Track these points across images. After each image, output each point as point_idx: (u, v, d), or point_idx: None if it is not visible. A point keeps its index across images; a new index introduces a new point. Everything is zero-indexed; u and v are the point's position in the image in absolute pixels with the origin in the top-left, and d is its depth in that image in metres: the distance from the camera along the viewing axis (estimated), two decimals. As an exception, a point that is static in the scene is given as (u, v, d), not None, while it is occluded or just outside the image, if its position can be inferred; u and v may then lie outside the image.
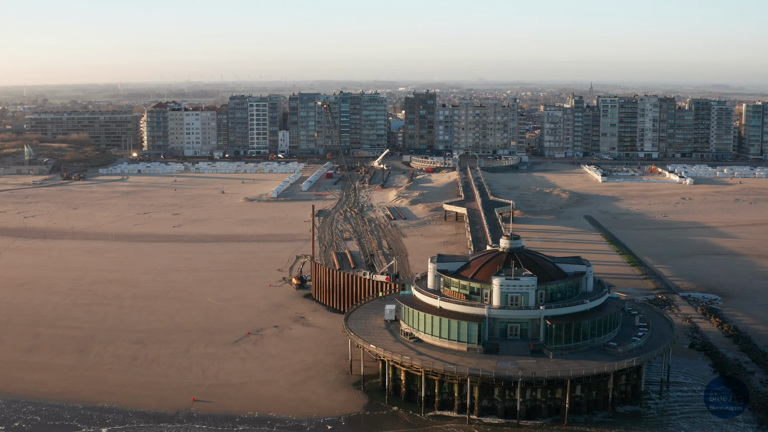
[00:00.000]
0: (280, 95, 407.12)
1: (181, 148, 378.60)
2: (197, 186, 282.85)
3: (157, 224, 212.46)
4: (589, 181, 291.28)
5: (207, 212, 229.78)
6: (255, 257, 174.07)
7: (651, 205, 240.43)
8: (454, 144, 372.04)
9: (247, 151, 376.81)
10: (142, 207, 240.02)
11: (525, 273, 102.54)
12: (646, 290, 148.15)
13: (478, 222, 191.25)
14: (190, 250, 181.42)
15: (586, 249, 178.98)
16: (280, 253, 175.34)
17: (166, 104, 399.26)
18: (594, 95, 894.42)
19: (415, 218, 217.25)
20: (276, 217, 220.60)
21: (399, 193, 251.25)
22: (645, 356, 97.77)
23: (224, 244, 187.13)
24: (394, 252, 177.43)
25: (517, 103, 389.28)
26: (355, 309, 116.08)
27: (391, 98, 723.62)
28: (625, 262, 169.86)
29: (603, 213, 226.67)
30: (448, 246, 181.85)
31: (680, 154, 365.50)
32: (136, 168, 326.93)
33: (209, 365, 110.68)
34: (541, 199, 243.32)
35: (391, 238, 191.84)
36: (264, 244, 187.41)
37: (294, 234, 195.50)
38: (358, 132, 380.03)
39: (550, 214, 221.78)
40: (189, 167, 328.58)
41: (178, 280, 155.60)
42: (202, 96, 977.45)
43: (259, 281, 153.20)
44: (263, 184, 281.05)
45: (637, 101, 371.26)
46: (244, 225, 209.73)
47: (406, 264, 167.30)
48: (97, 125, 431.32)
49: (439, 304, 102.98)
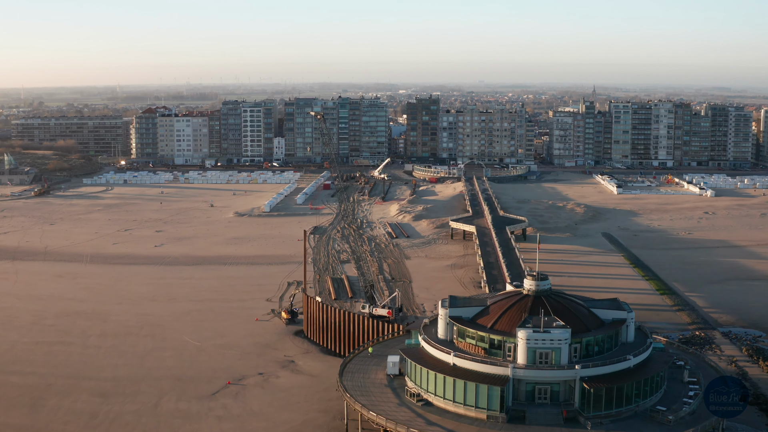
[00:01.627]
0: (275, 100, 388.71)
1: (171, 156, 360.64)
2: (185, 198, 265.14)
3: (138, 243, 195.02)
4: (603, 193, 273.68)
5: (193, 229, 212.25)
6: (241, 284, 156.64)
7: (673, 220, 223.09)
8: (458, 152, 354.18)
9: (241, 159, 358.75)
10: (123, 222, 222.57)
11: (556, 323, 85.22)
12: (680, 325, 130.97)
13: (489, 243, 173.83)
14: (170, 275, 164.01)
15: (609, 274, 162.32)
16: (270, 279, 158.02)
17: (155, 109, 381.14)
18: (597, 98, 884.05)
19: (418, 236, 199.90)
20: (267, 234, 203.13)
21: (401, 207, 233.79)
22: (702, 426, 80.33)
23: (208, 268, 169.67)
24: (396, 277, 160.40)
25: (524, 108, 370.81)
26: (353, 358, 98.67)
27: (391, 101, 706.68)
28: (653, 289, 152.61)
29: (622, 230, 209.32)
30: (456, 270, 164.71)
31: (696, 162, 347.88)
32: (123, 178, 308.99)
33: (180, 426, 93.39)
34: (555, 214, 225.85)
35: (393, 260, 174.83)
36: (252, 267, 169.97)
37: (286, 255, 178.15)
38: (358, 139, 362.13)
39: (565, 232, 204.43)
40: (178, 177, 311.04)
41: (153, 312, 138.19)
42: (200, 99, 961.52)
43: (244, 314, 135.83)
44: (255, 197, 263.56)
45: (651, 107, 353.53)
46: (232, 244, 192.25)
47: (410, 292, 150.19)
48: (86, 131, 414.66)
49: (453, 360, 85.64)
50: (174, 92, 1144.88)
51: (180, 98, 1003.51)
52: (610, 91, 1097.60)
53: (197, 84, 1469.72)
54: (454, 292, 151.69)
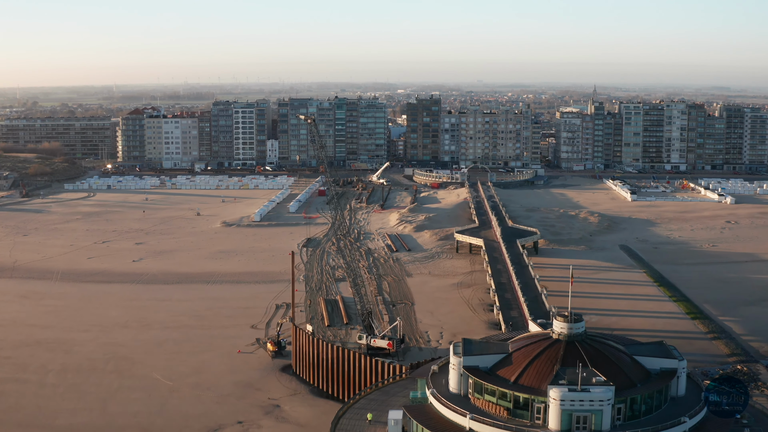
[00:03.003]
0: (268, 101, 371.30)
1: (159, 159, 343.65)
2: (170, 206, 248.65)
3: (115, 257, 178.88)
4: (616, 200, 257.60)
5: (176, 241, 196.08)
6: (225, 306, 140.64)
7: (694, 231, 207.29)
8: (461, 155, 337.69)
9: (232, 162, 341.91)
10: (102, 233, 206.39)
11: (596, 379, 69.30)
12: (719, 357, 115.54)
13: (500, 259, 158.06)
14: (146, 296, 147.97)
15: (632, 294, 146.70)
16: (257, 301, 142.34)
17: (143, 110, 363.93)
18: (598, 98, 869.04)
19: (421, 249, 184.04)
20: (256, 248, 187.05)
21: (401, 216, 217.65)
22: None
23: (189, 287, 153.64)
24: (396, 299, 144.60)
25: (530, 109, 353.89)
26: (347, 409, 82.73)
27: (390, 101, 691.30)
28: (682, 312, 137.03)
29: (641, 242, 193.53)
30: (463, 289, 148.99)
31: (710, 166, 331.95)
32: (107, 183, 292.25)
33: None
34: (567, 223, 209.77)
35: (393, 277, 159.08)
36: (238, 287, 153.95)
37: (276, 272, 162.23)
38: (355, 141, 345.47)
39: (579, 244, 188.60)
40: (165, 182, 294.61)
41: (123, 342, 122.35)
42: (197, 99, 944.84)
43: (225, 345, 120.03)
44: (246, 204, 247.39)
45: (663, 108, 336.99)
46: (218, 259, 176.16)
47: (412, 317, 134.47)
48: (73, 133, 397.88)
49: (469, 424, 69.80)
50: (170, 92, 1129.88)
51: (176, 98, 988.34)
52: (609, 90, 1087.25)
53: (195, 83, 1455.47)
54: (462, 316, 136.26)
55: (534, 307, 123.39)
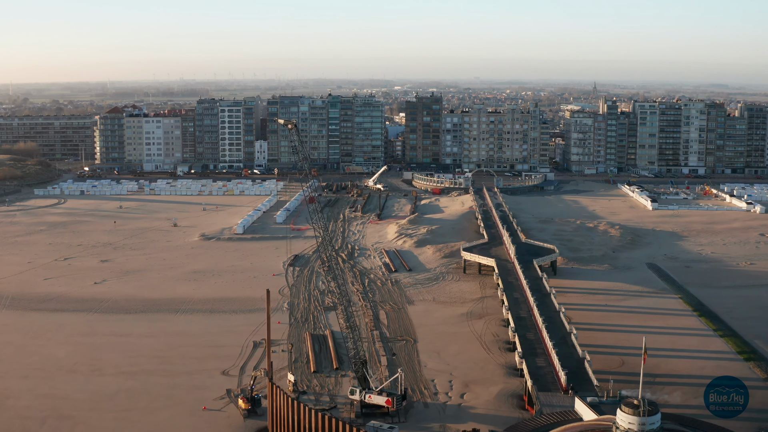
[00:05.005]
0: (257, 98, 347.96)
1: (139, 161, 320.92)
2: (146, 215, 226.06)
3: (75, 278, 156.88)
4: (636, 209, 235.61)
5: (146, 258, 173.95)
6: (193, 344, 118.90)
7: (726, 245, 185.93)
8: (464, 157, 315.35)
9: (218, 165, 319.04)
10: (65, 248, 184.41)
11: None
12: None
13: (516, 285, 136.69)
14: (103, 330, 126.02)
15: (670, 327, 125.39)
16: (232, 337, 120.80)
17: (123, 108, 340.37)
18: (599, 96, 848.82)
19: (423, 269, 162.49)
20: (236, 267, 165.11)
21: (401, 228, 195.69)
22: None
23: (154, 318, 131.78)
24: (395, 335, 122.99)
25: (538, 107, 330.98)
26: None
27: (386, 98, 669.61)
28: (732, 351, 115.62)
29: (670, 259, 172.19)
30: (473, 321, 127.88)
31: (730, 169, 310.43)
32: (80, 188, 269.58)
33: None
34: (586, 237, 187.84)
35: (392, 305, 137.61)
36: (211, 318, 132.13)
37: (256, 299, 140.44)
38: (350, 142, 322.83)
39: (602, 262, 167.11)
40: (144, 187, 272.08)
41: (67, 393, 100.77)
42: (191, 95, 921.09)
43: (189, 398, 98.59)
44: (229, 213, 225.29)
45: (681, 107, 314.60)
46: (191, 281, 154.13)
47: (415, 359, 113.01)
48: (52, 132, 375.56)
49: None
50: (165, 88, 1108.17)
51: (170, 94, 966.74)
52: (608, 87, 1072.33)
53: (190, 80, 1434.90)
54: (475, 358, 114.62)
55: (564, 352, 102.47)
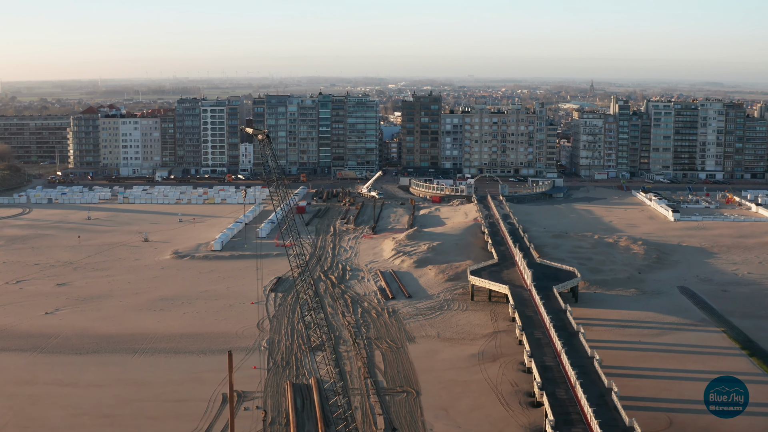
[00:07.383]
0: (241, 98, 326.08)
1: (116, 165, 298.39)
2: (115, 227, 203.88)
3: (24, 307, 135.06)
4: (656, 220, 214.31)
5: (109, 281, 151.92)
6: (151, 398, 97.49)
7: (763, 264, 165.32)
8: (464, 161, 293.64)
9: (200, 169, 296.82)
10: (21, 268, 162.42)
11: None
12: None
13: (534, 318, 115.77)
14: (46, 377, 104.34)
15: (720, 372, 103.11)
16: (198, 388, 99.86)
17: (98, 109, 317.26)
18: (596, 94, 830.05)
19: (424, 294, 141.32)
20: (211, 292, 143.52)
21: (398, 244, 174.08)
22: None
23: (108, 361, 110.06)
24: (393, 384, 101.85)
25: (545, 107, 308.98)
26: None
27: (380, 96, 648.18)
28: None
29: (703, 281, 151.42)
30: (487, 365, 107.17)
31: (750, 174, 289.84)
32: (49, 195, 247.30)
33: None
34: (607, 256, 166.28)
35: (389, 343, 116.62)
36: (175, 360, 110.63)
37: (230, 334, 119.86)
38: (342, 145, 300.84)
39: (628, 286, 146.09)
40: (117, 194, 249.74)
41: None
42: (183, 93, 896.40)
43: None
44: (207, 225, 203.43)
45: (698, 107, 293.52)
46: (157, 311, 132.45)
47: (419, 419, 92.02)
48: (27, 133, 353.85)
49: None
50: (156, 86, 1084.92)
51: (161, 92, 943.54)
52: (603, 86, 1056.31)
53: (183, 78, 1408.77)
54: (491, 417, 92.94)
55: (603, 413, 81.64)
